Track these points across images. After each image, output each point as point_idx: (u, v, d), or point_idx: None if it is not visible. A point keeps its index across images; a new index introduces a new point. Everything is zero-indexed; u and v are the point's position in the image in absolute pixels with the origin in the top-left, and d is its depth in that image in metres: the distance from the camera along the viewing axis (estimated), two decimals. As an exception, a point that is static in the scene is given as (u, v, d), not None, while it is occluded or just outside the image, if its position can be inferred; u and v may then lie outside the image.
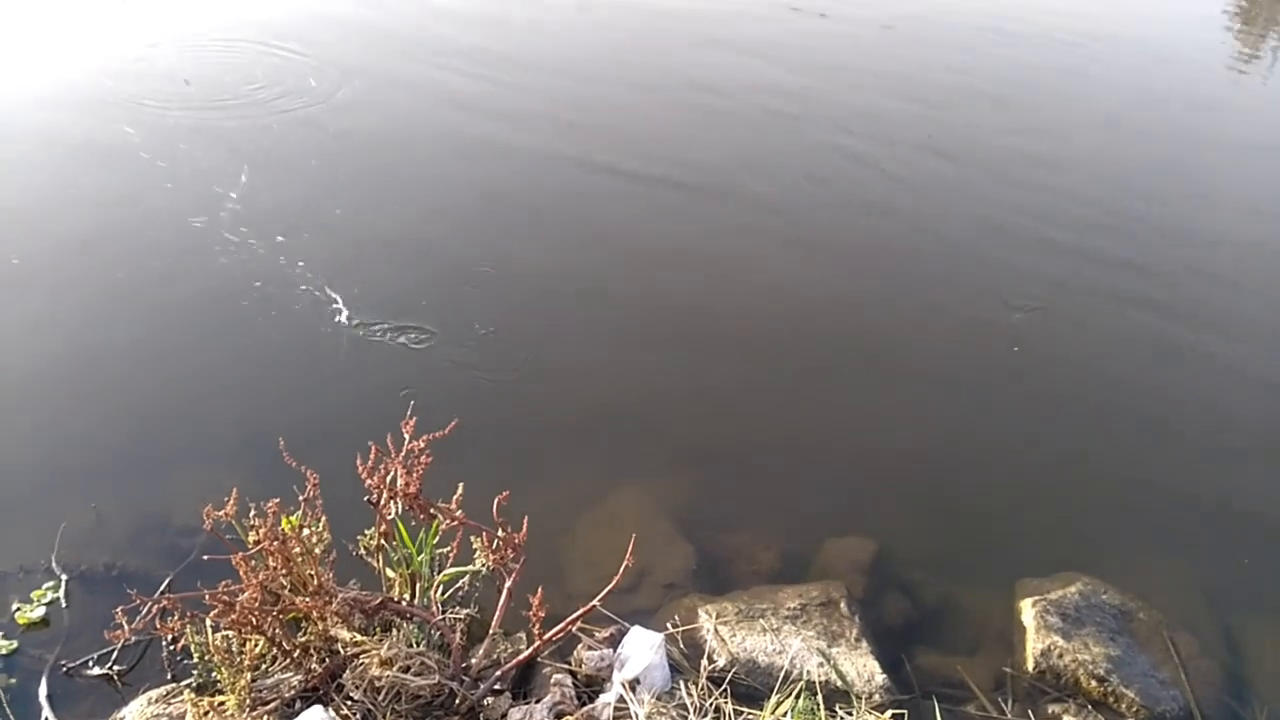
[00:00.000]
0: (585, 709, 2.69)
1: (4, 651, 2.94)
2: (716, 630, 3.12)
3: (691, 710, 2.72)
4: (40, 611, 3.06)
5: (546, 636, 2.71)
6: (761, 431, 4.14)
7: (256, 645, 2.66)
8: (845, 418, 4.26)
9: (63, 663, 2.92)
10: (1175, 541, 3.83)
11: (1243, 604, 3.58)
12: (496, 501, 2.59)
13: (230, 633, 2.65)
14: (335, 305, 4.49)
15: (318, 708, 2.53)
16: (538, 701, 2.72)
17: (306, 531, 2.69)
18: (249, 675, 2.62)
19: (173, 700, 2.75)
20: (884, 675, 3.03)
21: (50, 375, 4.05)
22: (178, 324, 4.40)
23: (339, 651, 2.70)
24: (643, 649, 2.84)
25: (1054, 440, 4.22)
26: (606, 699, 2.72)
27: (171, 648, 2.93)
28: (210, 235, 5.00)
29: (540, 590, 2.63)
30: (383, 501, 2.64)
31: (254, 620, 2.53)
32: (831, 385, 4.44)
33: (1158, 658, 3.27)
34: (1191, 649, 3.33)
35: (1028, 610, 3.35)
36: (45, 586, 3.13)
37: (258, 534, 2.59)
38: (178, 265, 4.77)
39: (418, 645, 2.74)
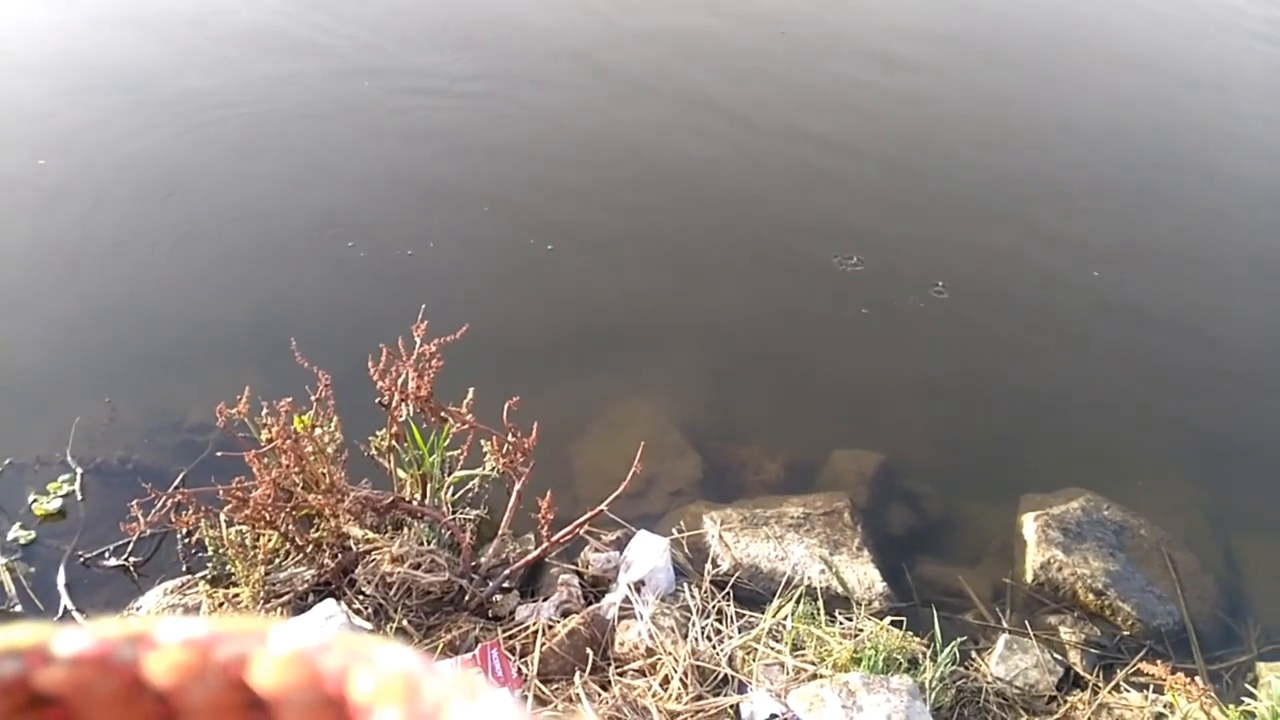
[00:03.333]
0: (591, 608, 2.75)
1: (23, 541, 3.01)
2: (721, 536, 3.17)
3: (694, 611, 2.78)
4: (57, 503, 3.11)
5: (554, 538, 2.75)
6: (772, 346, 4.14)
7: (270, 540, 2.72)
8: (856, 334, 4.25)
9: (80, 553, 2.98)
10: (1179, 461, 3.85)
11: (1243, 524, 3.62)
12: (507, 406, 2.60)
13: (244, 528, 2.70)
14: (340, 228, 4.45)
15: (330, 601, 2.59)
16: (545, 600, 2.78)
17: (319, 431, 2.72)
18: (263, 569, 2.68)
19: (188, 591, 2.82)
20: (884, 583, 3.08)
21: (65, 270, 4.04)
22: (196, 221, 4.37)
23: (351, 548, 2.75)
24: (648, 552, 2.89)
25: (1062, 360, 4.21)
26: (612, 599, 2.78)
27: (186, 541, 2.99)
28: (235, 129, 4.93)
29: (549, 494, 2.67)
30: (394, 404, 2.66)
31: (267, 516, 2.58)
32: (843, 302, 4.41)
33: (1156, 574, 3.32)
34: (1190, 566, 3.37)
35: (1029, 524, 3.39)
36: (61, 479, 3.18)
37: (270, 432, 2.61)
38: (199, 163, 4.72)
39: (428, 544, 2.79)
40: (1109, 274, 4.67)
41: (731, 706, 2.52)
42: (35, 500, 3.11)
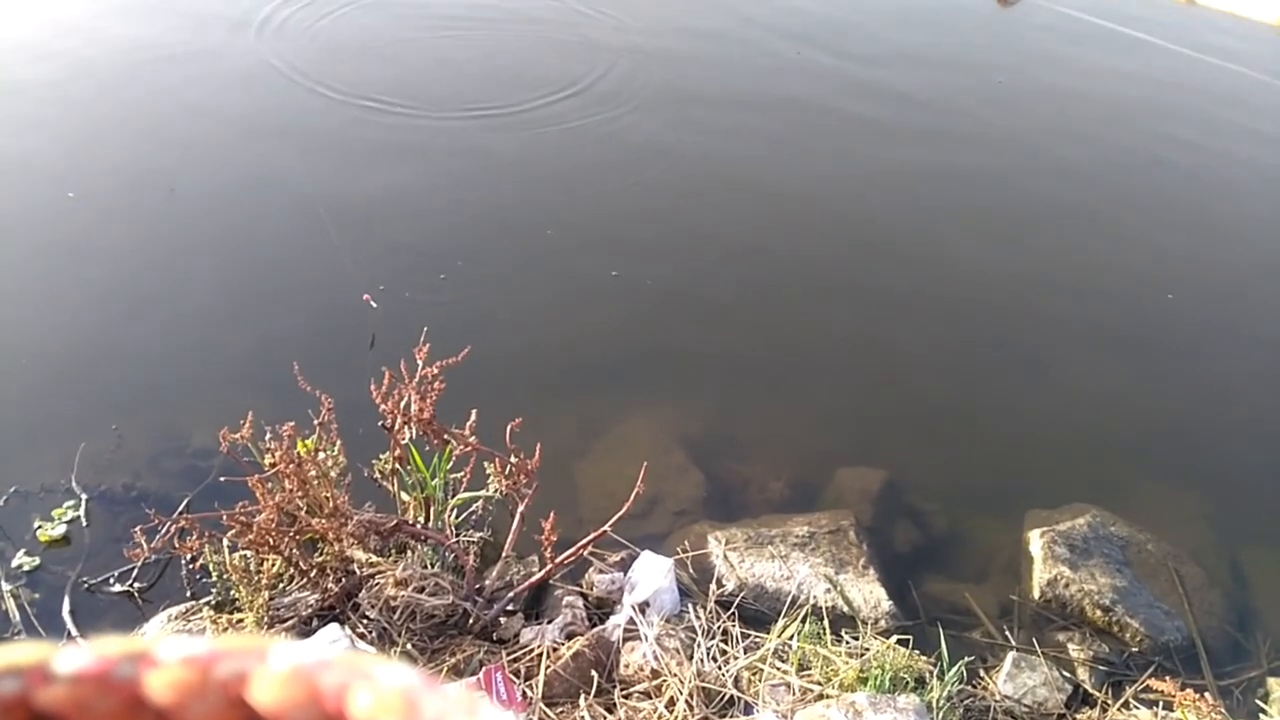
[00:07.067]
0: (596, 630, 2.74)
1: (27, 568, 3.00)
2: (725, 556, 3.16)
3: (699, 632, 2.77)
4: (61, 530, 3.11)
5: (558, 560, 2.74)
6: (775, 363, 4.14)
7: (274, 565, 2.71)
8: (859, 349, 4.25)
9: (84, 580, 2.97)
10: (1185, 476, 3.84)
11: (1249, 537, 3.60)
12: (510, 427, 2.60)
13: (248, 552, 2.70)
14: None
15: (334, 625, 2.59)
16: (550, 622, 2.77)
17: (322, 455, 2.72)
18: (267, 594, 2.68)
19: (192, 617, 2.81)
20: (890, 601, 3.07)
21: (72, 298, 4.06)
22: (200, 248, 4.38)
23: (355, 572, 2.74)
24: (653, 573, 2.88)
25: (1067, 375, 4.20)
26: (617, 620, 2.76)
27: (190, 566, 2.98)
28: (248, 166, 4.96)
29: (553, 515, 2.66)
30: (397, 426, 2.66)
31: (271, 540, 2.57)
32: (846, 317, 4.42)
33: (1163, 589, 3.30)
34: (1197, 581, 3.36)
35: (1036, 540, 3.38)
36: (66, 505, 3.18)
37: (274, 456, 2.61)
38: (205, 188, 4.74)
39: (432, 567, 2.78)
40: (1110, 298, 4.68)
41: (738, 727, 2.51)
42: (40, 526, 3.11)
